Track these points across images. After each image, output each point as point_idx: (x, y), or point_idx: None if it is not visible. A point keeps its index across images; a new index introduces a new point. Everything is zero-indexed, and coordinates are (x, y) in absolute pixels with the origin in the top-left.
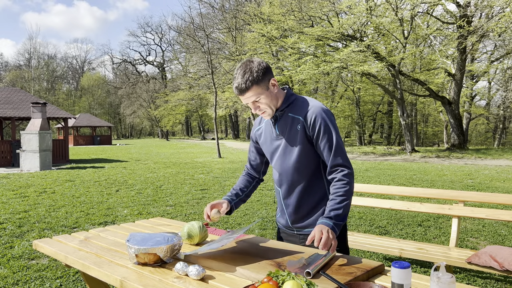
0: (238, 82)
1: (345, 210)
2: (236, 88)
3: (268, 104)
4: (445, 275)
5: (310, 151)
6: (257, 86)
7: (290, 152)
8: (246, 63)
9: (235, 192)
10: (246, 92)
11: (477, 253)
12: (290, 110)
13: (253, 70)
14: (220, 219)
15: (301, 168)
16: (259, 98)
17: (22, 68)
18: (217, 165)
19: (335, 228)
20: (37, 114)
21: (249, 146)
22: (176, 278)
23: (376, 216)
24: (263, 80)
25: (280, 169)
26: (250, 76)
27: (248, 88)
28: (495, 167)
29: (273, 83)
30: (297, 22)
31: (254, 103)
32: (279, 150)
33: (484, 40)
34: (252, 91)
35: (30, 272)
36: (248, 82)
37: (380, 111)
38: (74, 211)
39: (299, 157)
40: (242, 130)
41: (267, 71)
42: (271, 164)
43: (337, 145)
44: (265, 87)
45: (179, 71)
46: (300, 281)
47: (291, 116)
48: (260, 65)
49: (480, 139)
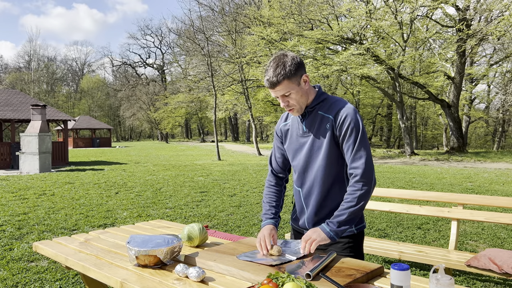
0: (270, 75)
1: (348, 216)
2: (267, 81)
3: (298, 101)
4: (444, 277)
5: (336, 152)
6: (289, 81)
7: (316, 150)
8: (280, 57)
9: (274, 210)
10: (277, 86)
11: (476, 256)
12: (320, 108)
13: (286, 65)
14: (221, 221)
15: (326, 168)
16: (289, 93)
17: (22, 70)
18: (217, 167)
19: (331, 235)
20: (36, 116)
21: (273, 144)
22: (176, 280)
23: (375, 218)
24: (295, 75)
25: (304, 167)
26: (283, 70)
27: (280, 82)
28: (494, 170)
29: (305, 79)
30: (297, 25)
31: (283, 98)
32: (305, 147)
33: (483, 43)
34: (283, 85)
35: (29, 274)
36: (280, 76)
37: (379, 114)
38: (73, 213)
39: (325, 157)
40: (241, 133)
41: (299, 67)
42: (292, 162)
43: (359, 149)
44: (297, 82)
45: (179, 73)
46: (300, 283)
47: (320, 114)
48: (294, 60)
49: (479, 142)
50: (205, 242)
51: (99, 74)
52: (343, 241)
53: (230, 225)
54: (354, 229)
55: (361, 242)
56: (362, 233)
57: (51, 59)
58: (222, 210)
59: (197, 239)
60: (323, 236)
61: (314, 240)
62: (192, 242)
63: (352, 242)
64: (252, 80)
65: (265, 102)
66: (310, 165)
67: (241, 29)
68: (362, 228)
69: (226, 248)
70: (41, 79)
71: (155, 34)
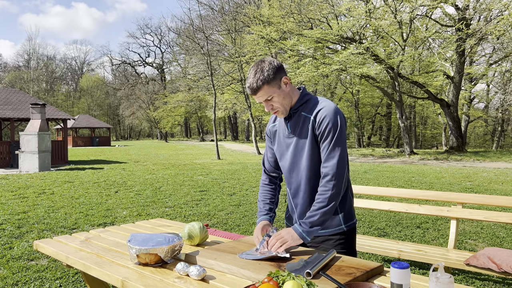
0: (250, 82)
1: (321, 217)
2: (248, 88)
3: (281, 103)
4: (444, 275)
5: (319, 152)
6: (268, 86)
7: (300, 151)
8: (258, 63)
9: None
10: (257, 92)
11: (476, 254)
12: (303, 109)
13: (264, 70)
14: (221, 220)
15: (310, 168)
16: (271, 97)
17: (21, 69)
18: (216, 166)
19: (303, 235)
20: (36, 115)
21: (266, 144)
22: (177, 278)
23: (375, 218)
24: (274, 79)
25: (290, 167)
26: (261, 75)
27: (259, 87)
28: (494, 169)
29: (285, 82)
30: (297, 24)
31: (266, 102)
32: (290, 148)
33: (482, 43)
34: (263, 90)
35: (29, 273)
36: (259, 81)
37: (379, 113)
38: (73, 212)
39: (308, 157)
40: (241, 132)
41: (278, 70)
42: (280, 162)
43: (333, 149)
44: (277, 86)
45: (178, 72)
46: (300, 281)
47: (303, 115)
48: (271, 64)
49: (478, 141)
50: (205, 240)
51: (98, 73)
52: (334, 238)
53: (230, 224)
54: (344, 226)
55: (353, 238)
56: (353, 230)
57: (50, 58)
58: (221, 209)
59: (197, 237)
60: (295, 237)
61: (286, 242)
62: (192, 240)
63: (343, 239)
64: None
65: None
66: (295, 165)
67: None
68: (352, 225)
69: (226, 246)
70: (40, 78)
71: (155, 33)
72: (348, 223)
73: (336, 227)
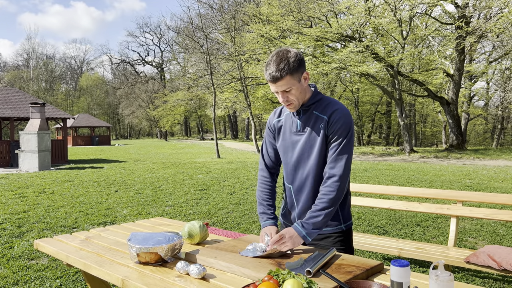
0: (273, 69)
1: (324, 218)
2: (269, 75)
3: (297, 97)
4: (444, 273)
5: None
6: (291, 77)
7: (309, 149)
8: (283, 52)
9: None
10: (279, 81)
11: (476, 252)
12: (315, 108)
13: (290, 60)
14: (221, 219)
15: (318, 166)
16: (290, 89)
17: (20, 68)
18: (216, 165)
19: (306, 237)
20: (35, 114)
21: (264, 139)
22: (177, 277)
23: (375, 216)
24: (297, 71)
25: (296, 164)
26: (286, 65)
27: (282, 77)
28: (494, 167)
29: (305, 77)
30: (296, 23)
31: (283, 93)
32: (298, 145)
33: (482, 40)
34: (285, 80)
35: (30, 272)
36: (283, 71)
37: (378, 111)
38: (73, 211)
39: (318, 155)
40: (241, 131)
41: (302, 63)
42: (283, 158)
43: (342, 152)
44: (298, 79)
45: (178, 71)
46: (300, 280)
47: (315, 114)
48: (297, 57)
49: (478, 139)
50: (205, 239)
51: (98, 72)
52: (333, 236)
53: (230, 222)
54: (343, 225)
55: (350, 237)
56: (350, 229)
57: (49, 57)
58: (221, 207)
59: (197, 236)
60: (298, 240)
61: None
62: (192, 239)
63: (342, 236)
64: (252, 77)
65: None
66: (302, 162)
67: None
68: (350, 225)
69: (226, 245)
70: (40, 77)
71: (154, 32)
72: (347, 223)
73: (335, 227)
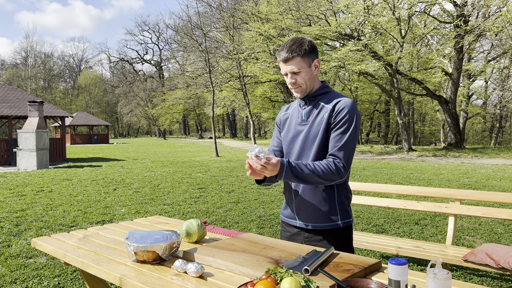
0: (286, 50)
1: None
2: (282, 54)
3: (305, 81)
4: (441, 272)
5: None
6: (302, 59)
7: (312, 138)
8: (298, 38)
9: None
10: (290, 60)
11: (473, 251)
12: (322, 99)
13: (303, 44)
14: (219, 217)
15: (319, 156)
16: (299, 71)
17: (18, 67)
18: (215, 164)
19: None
20: (34, 112)
21: (273, 135)
22: (175, 275)
23: (373, 214)
24: (309, 55)
25: (298, 154)
26: (299, 47)
27: (294, 57)
28: (492, 166)
29: (316, 65)
30: (295, 21)
31: (292, 75)
32: (301, 135)
33: (481, 39)
34: (295, 60)
35: (28, 270)
36: (295, 52)
37: (377, 110)
38: (71, 210)
39: (319, 145)
40: (239, 129)
41: (314, 50)
42: (287, 149)
43: (348, 141)
44: (308, 63)
45: (177, 69)
46: (298, 278)
47: (321, 105)
48: (310, 43)
49: (476, 138)
50: (203, 238)
51: (96, 70)
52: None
53: (229, 221)
54: (340, 222)
55: (350, 236)
56: (350, 227)
57: (48, 56)
58: (220, 206)
59: (195, 235)
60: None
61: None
62: (190, 238)
63: (340, 235)
64: (250, 76)
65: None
66: (304, 152)
67: (239, 25)
68: (349, 223)
69: (224, 243)
70: (38, 76)
71: (153, 30)
72: (345, 220)
73: (332, 222)
